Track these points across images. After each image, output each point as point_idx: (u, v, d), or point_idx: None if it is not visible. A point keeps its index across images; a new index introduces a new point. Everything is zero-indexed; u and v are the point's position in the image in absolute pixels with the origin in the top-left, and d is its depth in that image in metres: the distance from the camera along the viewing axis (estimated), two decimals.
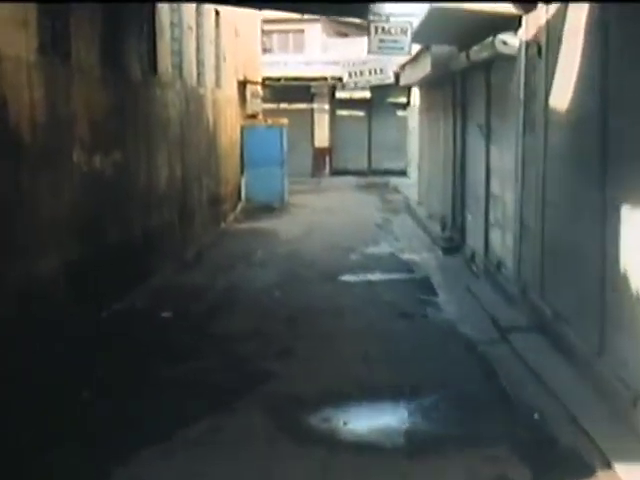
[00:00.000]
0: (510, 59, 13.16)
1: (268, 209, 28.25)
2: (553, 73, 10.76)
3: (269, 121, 30.09)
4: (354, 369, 10.49)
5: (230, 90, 26.90)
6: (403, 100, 39.49)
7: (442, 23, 14.73)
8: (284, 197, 29.65)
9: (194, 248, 19.48)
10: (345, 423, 8.57)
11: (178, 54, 19.42)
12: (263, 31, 37.53)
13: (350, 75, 33.39)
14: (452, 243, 19.05)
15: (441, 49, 18.44)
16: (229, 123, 26.49)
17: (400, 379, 10.01)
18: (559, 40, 10.45)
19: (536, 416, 8.63)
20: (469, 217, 17.81)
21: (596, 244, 8.82)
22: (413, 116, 37.09)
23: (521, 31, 12.44)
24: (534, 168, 11.67)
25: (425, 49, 19.50)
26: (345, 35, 42.40)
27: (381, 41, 16.54)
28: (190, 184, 20.11)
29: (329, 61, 39.17)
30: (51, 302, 11.06)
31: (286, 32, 41.17)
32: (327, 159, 41.55)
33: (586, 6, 9.39)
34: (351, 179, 39.22)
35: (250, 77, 30.62)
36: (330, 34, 41.68)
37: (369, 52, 17.25)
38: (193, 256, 18.75)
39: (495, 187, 14.91)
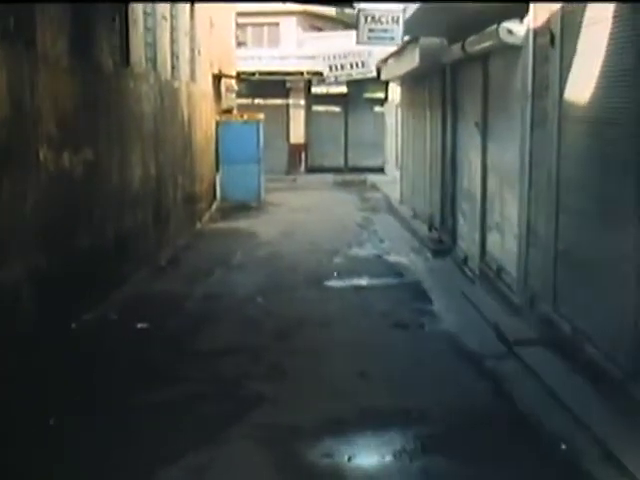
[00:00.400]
0: (513, 49, 12.15)
1: (245, 208, 27.15)
2: (570, 64, 9.74)
3: (245, 116, 28.94)
4: (352, 391, 9.42)
5: (205, 84, 25.77)
6: (380, 96, 38.40)
7: (437, 12, 13.70)
8: (261, 195, 28.54)
9: (170, 251, 18.36)
10: (350, 458, 7.51)
11: (152, 45, 18.27)
12: (237, 24, 36.38)
13: (331, 69, 32.20)
14: (442, 245, 18.04)
15: (430, 41, 17.44)
16: (204, 118, 25.37)
17: (404, 402, 8.97)
18: (578, 27, 9.41)
19: (563, 446, 7.62)
20: (461, 218, 16.80)
21: (630, 256, 7.80)
22: (391, 112, 36.25)
23: (528, 18, 11.40)
24: (544, 168, 10.64)
25: (412, 41, 18.47)
26: (320, 29, 41.32)
27: (370, 30, 15.47)
28: (165, 183, 18.99)
29: (305, 55, 38.12)
30: (12, 314, 9.93)
31: (260, 25, 40.04)
32: (303, 156, 40.41)
33: None
34: (328, 176, 38.06)
35: (225, 71, 29.49)
36: (305, 28, 40.57)
37: (358, 42, 16.20)
38: (169, 259, 17.62)
39: (493, 187, 13.90)
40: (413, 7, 13.94)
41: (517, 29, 11.71)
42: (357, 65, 31.89)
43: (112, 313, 12.89)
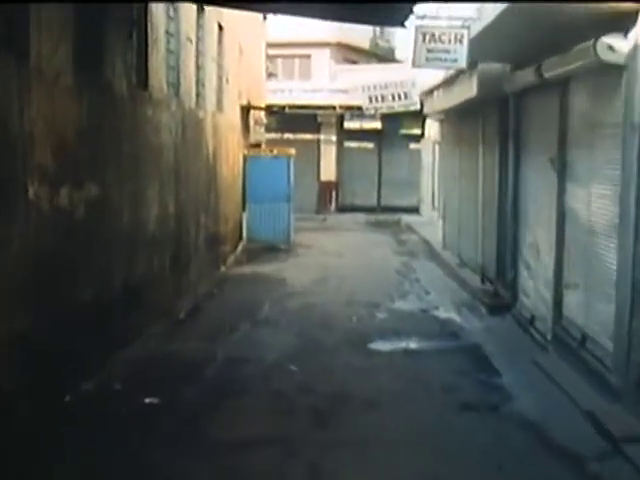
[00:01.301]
0: (609, 72, 9.86)
1: (273, 250, 24.89)
2: None
3: (275, 151, 26.72)
4: None
5: (233, 115, 23.61)
6: (417, 132, 36.18)
7: (512, 29, 11.40)
8: (290, 236, 26.24)
9: (190, 300, 16.08)
10: None
11: (175, 70, 16.13)
12: (267, 56, 34.42)
13: (370, 100, 29.66)
14: (499, 300, 15.67)
15: (490, 67, 15.18)
16: (231, 152, 23.19)
17: None
18: None
19: None
20: (524, 271, 14.44)
21: None
22: (427, 149, 34.10)
23: (636, 32, 9.11)
24: None
25: (468, 68, 16.20)
26: (354, 62, 39.21)
27: (429, 51, 13.13)
28: (186, 223, 16.75)
29: (337, 89, 36.05)
30: None
31: (292, 57, 38.01)
32: (334, 194, 38.14)
33: None
34: (359, 216, 35.85)
35: (254, 102, 27.35)
36: (338, 60, 38.48)
37: (414, 65, 13.87)
38: (188, 311, 15.33)
39: (574, 237, 11.54)
40: (485, 21, 11.67)
41: (620, 45, 9.41)
42: (399, 97, 29.32)
43: (116, 381, 10.62)
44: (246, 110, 26.48)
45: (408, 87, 27.63)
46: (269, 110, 32.21)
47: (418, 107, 26.69)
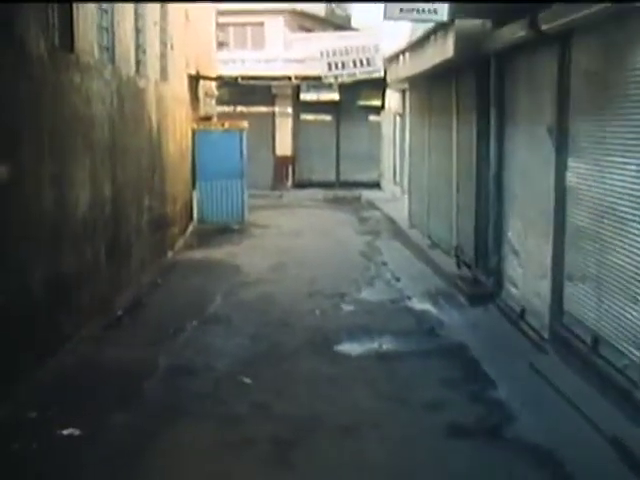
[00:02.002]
0: (632, 16, 7.99)
1: (226, 231, 22.91)
2: None
3: (226, 124, 24.60)
4: None
5: (179, 86, 21.52)
6: (376, 103, 34.21)
7: None
8: (244, 215, 24.20)
9: (131, 293, 14.08)
10: None
11: (108, 32, 14.05)
12: (218, 24, 32.22)
13: (330, 67, 27.23)
14: (480, 288, 13.82)
15: (468, 24, 13.23)
16: (178, 126, 21.11)
17: None
18: None
19: None
20: (512, 257, 12.58)
21: None
22: (388, 121, 32.22)
23: None
24: None
25: (442, 27, 14.27)
26: (310, 30, 37.07)
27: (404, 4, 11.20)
28: (125, 206, 14.71)
29: (293, 58, 33.98)
30: None
31: (243, 25, 35.72)
32: (290, 169, 36.09)
33: None
34: (317, 192, 33.79)
35: (204, 72, 25.19)
36: (293, 29, 36.29)
37: (385, 17, 11.85)
38: (127, 308, 13.30)
39: (580, 219, 9.67)
40: None
41: None
42: (361, 63, 26.93)
43: (31, 406, 8.61)
44: (195, 80, 24.40)
45: (371, 53, 25.35)
46: (220, 81, 30.07)
47: (382, 74, 24.23)
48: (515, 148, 12.38)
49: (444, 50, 13.92)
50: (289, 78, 33.44)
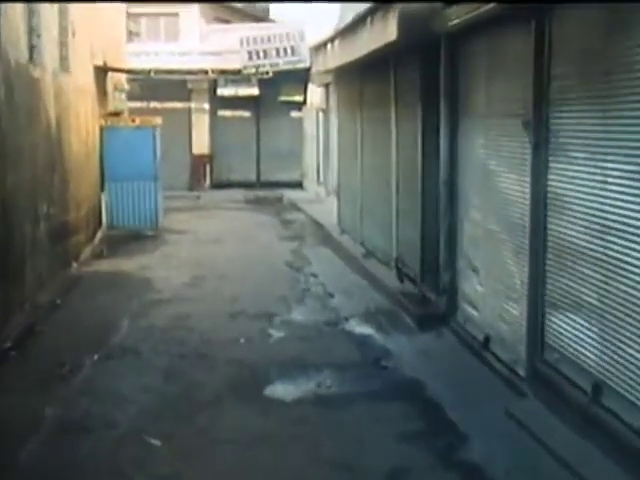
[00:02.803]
0: None
1: (138, 237, 20.73)
2: None
3: (137, 120, 22.33)
4: None
5: (84, 77, 19.24)
6: (298, 98, 32.40)
7: None
8: (158, 220, 21.97)
9: (21, 319, 11.83)
10: None
11: None
12: (129, 14, 29.95)
13: (250, 57, 24.78)
14: (429, 308, 11.91)
15: (413, 6, 11.26)
16: (83, 122, 18.86)
17: None
18: None
19: None
20: (470, 274, 10.66)
21: None
22: (310, 118, 30.45)
23: None
24: None
25: (377, 10, 12.32)
26: (227, 22, 34.89)
27: None
28: (16, 215, 12.46)
29: (209, 51, 31.83)
30: None
31: (157, 16, 33.43)
32: (208, 169, 33.86)
33: None
34: (237, 193, 31.76)
35: (112, 64, 22.90)
36: (210, 20, 34.09)
37: None
38: (17, 338, 11.02)
39: (569, 235, 7.76)
40: None
41: None
42: (285, 52, 24.60)
43: None
44: (103, 73, 22.15)
45: (296, 41, 23.05)
46: (132, 74, 27.73)
47: (308, 64, 21.92)
48: (473, 146, 10.47)
49: (384, 33, 11.92)
50: (206, 72, 31.31)
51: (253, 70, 24.12)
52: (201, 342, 11.10)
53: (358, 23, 13.76)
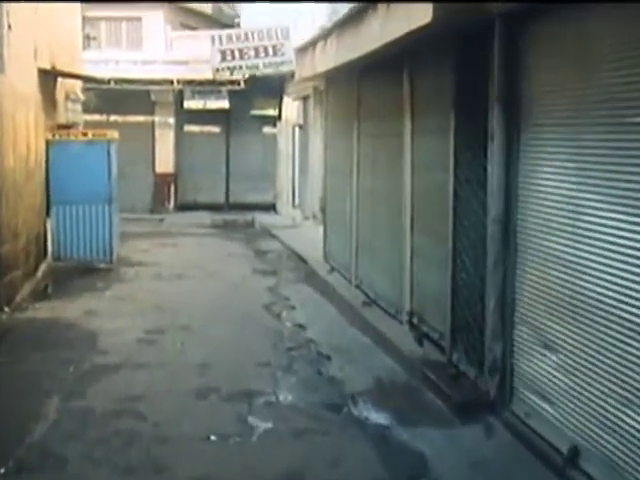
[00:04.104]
0: None
1: (88, 271, 17.30)
2: None
3: (89, 134, 18.87)
4: None
5: (24, 81, 15.86)
6: (272, 113, 29.29)
7: None
8: (113, 250, 18.50)
9: None
10: None
11: None
12: (86, 18, 26.67)
13: (224, 57, 20.72)
14: (470, 389, 8.64)
15: None
16: (22, 135, 15.48)
17: None
18: None
19: None
20: (539, 350, 7.41)
21: None
22: (285, 134, 27.38)
23: None
24: None
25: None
26: (194, 29, 31.57)
27: None
28: None
29: (175, 60, 28.68)
30: None
31: (118, 20, 30.09)
32: (172, 189, 30.45)
33: None
34: (204, 215, 28.47)
35: (64, 68, 19.48)
36: (175, 26, 30.76)
37: None
38: None
39: None
40: None
41: None
42: (266, 52, 20.64)
43: None
44: (52, 78, 18.82)
45: (279, 38, 19.21)
46: (88, 82, 24.37)
47: (293, 67, 18.08)
48: (547, 170, 7.23)
49: (410, 18, 8.66)
50: (171, 82, 28.08)
51: (227, 74, 19.75)
52: (156, 441, 7.72)
53: (367, 10, 10.49)
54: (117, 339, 11.64)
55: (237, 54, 19.21)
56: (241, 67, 19.14)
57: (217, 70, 18.55)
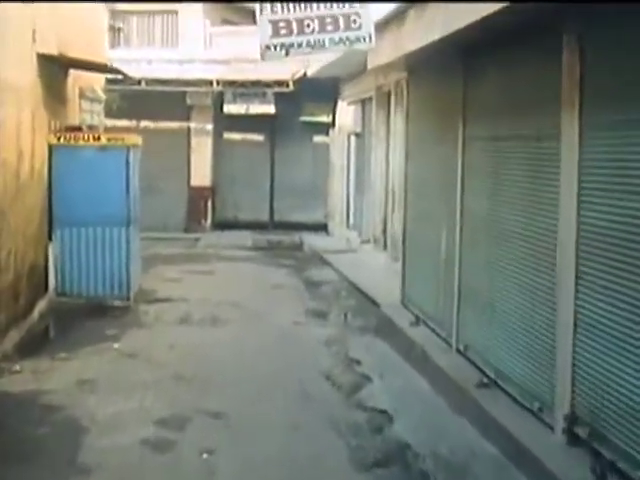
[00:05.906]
0: None
1: (99, 312, 13.46)
2: None
3: (103, 138, 14.80)
4: None
5: (16, 69, 11.96)
6: (324, 119, 25.53)
7: None
8: (130, 284, 14.44)
9: None
10: None
11: None
12: (115, 11, 23.20)
13: (277, 32, 15.62)
14: None
15: None
16: (11, 138, 11.59)
17: None
18: None
19: None
20: None
21: None
22: (339, 144, 24.05)
23: None
24: None
25: None
26: (236, 24, 27.75)
27: None
28: None
29: (214, 59, 25.03)
30: None
31: (151, 14, 26.30)
32: (209, 205, 26.65)
33: None
34: (245, 235, 24.73)
35: (77, 56, 15.43)
36: (216, 21, 26.96)
37: None
38: None
39: None
40: None
41: None
42: (337, 25, 15.43)
43: None
44: (61, 69, 14.98)
45: (353, 6, 14.26)
46: (114, 84, 20.67)
47: (373, 44, 13.15)
48: None
49: None
50: (210, 83, 24.38)
51: (282, 53, 14.81)
52: None
53: None
54: (112, 441, 7.55)
55: (295, 26, 14.31)
56: (300, 44, 14.16)
57: (267, 48, 13.86)
